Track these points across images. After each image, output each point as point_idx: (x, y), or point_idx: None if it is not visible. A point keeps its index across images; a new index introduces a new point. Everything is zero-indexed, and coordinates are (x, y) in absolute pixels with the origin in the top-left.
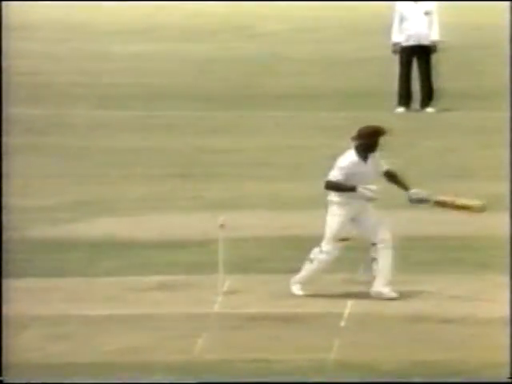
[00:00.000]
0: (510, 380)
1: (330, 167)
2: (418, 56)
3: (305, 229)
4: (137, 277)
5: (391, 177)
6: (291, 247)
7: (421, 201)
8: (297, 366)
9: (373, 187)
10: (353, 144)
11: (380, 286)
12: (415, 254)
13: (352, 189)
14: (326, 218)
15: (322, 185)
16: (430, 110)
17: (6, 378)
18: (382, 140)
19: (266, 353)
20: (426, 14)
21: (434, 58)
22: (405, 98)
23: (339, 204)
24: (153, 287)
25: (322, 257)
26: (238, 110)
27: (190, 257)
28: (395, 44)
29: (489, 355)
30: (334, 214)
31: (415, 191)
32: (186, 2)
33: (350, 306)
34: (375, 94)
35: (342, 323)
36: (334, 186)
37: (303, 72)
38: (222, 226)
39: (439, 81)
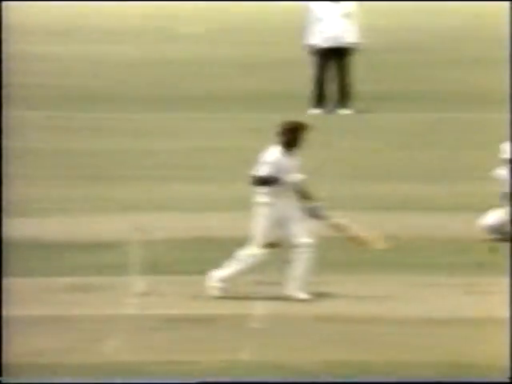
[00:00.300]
0: (510, 380)
1: (252, 168)
2: (335, 58)
3: (223, 231)
4: (49, 278)
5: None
6: (207, 249)
7: (317, 216)
8: (210, 367)
9: (299, 176)
10: (277, 140)
11: (293, 289)
12: (327, 255)
13: (278, 181)
14: (254, 220)
15: (242, 186)
16: (345, 111)
17: (5, 378)
18: (306, 135)
19: (179, 354)
20: (345, 15)
21: (351, 60)
22: (320, 100)
23: (266, 205)
24: (65, 288)
25: (250, 259)
26: (160, 112)
27: (102, 258)
28: (311, 46)
29: (398, 354)
30: (262, 216)
31: (316, 205)
32: (105, 4)
33: (262, 307)
34: (292, 95)
35: (254, 324)
36: (261, 181)
37: (223, 74)
38: (137, 228)
39: (355, 83)
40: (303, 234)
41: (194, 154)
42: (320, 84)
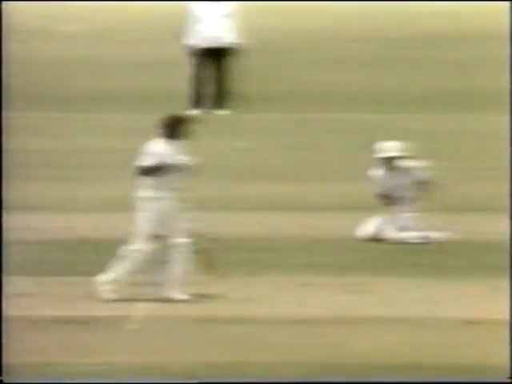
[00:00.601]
0: (510, 380)
1: (126, 168)
2: (213, 58)
3: (105, 231)
4: None
5: None
6: (89, 250)
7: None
8: (88, 369)
9: (186, 158)
10: (159, 134)
11: (172, 290)
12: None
13: (163, 169)
14: (137, 215)
15: (124, 187)
16: (223, 111)
17: (5, 378)
18: (189, 128)
19: (57, 356)
20: (225, 16)
21: (229, 60)
22: (198, 100)
23: (149, 200)
24: None
25: (134, 255)
26: (44, 111)
27: None
28: (190, 45)
29: (276, 355)
30: (144, 211)
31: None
32: None
33: (142, 309)
34: (171, 95)
35: (133, 326)
36: (146, 171)
37: (102, 73)
38: (18, 228)
39: (233, 84)
40: (181, 233)
41: (69, 155)
42: (198, 84)
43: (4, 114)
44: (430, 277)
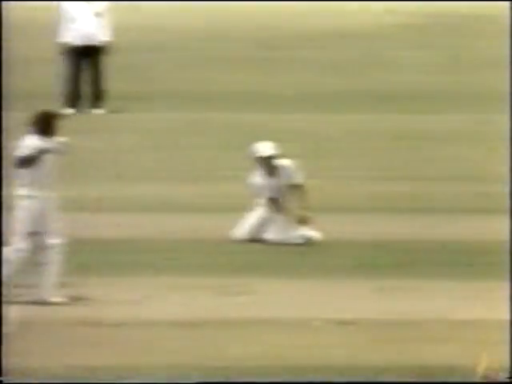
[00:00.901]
0: (510, 380)
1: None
2: (87, 57)
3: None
4: None
5: None
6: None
7: None
8: None
9: (62, 139)
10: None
11: (47, 292)
12: (85, 257)
13: (37, 158)
14: (15, 213)
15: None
16: (98, 111)
17: (5, 378)
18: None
19: None
20: (97, 14)
21: (104, 59)
22: (73, 99)
23: (27, 198)
24: None
25: (17, 255)
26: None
27: None
28: (64, 44)
29: (159, 357)
30: (23, 209)
31: None
32: None
33: (15, 311)
34: (43, 94)
35: (8, 328)
36: (24, 160)
37: None
38: None
39: (109, 83)
40: (56, 233)
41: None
42: (73, 83)
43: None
44: (309, 278)
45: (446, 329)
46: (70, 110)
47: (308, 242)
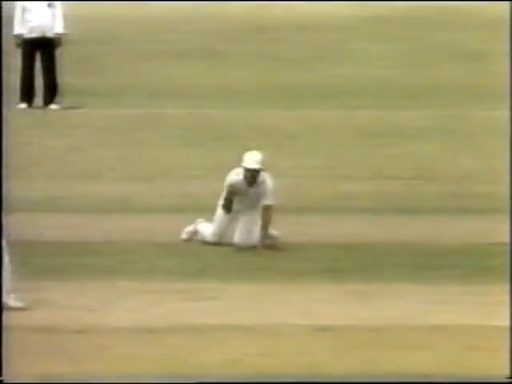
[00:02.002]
0: (510, 380)
1: None
2: (41, 49)
3: None
4: None
5: None
6: None
7: None
8: None
9: None
10: None
11: (5, 296)
12: (37, 260)
13: None
14: None
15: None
16: (54, 106)
17: (6, 378)
18: None
19: None
20: (50, 6)
21: (58, 52)
22: (27, 94)
23: None
24: None
25: None
26: None
27: None
28: (17, 36)
29: (121, 364)
30: None
31: None
32: None
33: None
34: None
35: None
36: None
37: None
38: None
39: (63, 76)
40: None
41: None
42: (28, 77)
43: None
44: (276, 282)
45: (419, 335)
46: (23, 105)
47: (274, 245)
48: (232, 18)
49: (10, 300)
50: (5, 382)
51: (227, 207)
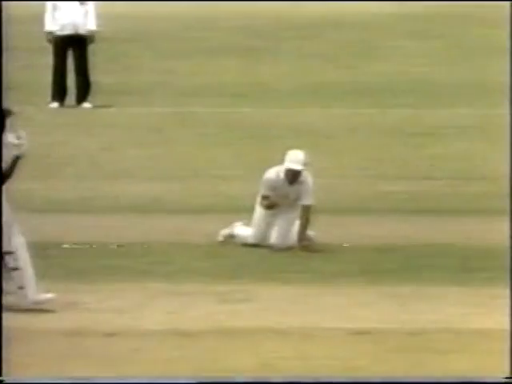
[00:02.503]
0: (510, 380)
1: None
2: (73, 47)
3: None
4: None
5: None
6: None
7: None
8: None
9: (21, 134)
10: None
11: (35, 295)
12: (68, 262)
13: None
14: None
15: None
16: (86, 105)
17: (6, 378)
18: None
19: None
20: (82, 3)
21: (90, 50)
22: (59, 93)
23: None
24: None
25: (19, 252)
26: None
27: None
28: (49, 33)
29: (155, 368)
30: None
31: None
32: None
33: (2, 319)
34: (25, 87)
35: None
36: None
37: None
38: None
39: (95, 74)
40: (13, 237)
41: None
42: (60, 75)
43: None
44: (313, 284)
45: (459, 338)
46: (55, 104)
47: (311, 246)
48: (267, 14)
49: (38, 295)
50: (5, 382)
51: (267, 204)
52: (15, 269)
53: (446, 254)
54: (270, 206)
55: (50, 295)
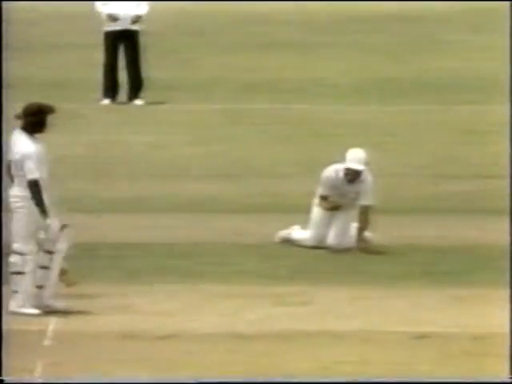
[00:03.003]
0: (510, 380)
1: None
2: (124, 42)
3: None
4: None
5: None
6: None
7: None
8: None
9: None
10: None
11: (50, 300)
12: (121, 263)
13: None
14: (14, 216)
15: None
16: (138, 102)
17: (6, 378)
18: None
19: None
20: None
21: (142, 45)
22: (111, 89)
23: (25, 198)
24: None
25: (29, 258)
26: None
27: None
28: (102, 29)
29: (208, 372)
30: (21, 210)
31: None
32: None
33: (54, 323)
34: (76, 84)
35: (46, 342)
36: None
37: None
38: None
39: (147, 70)
40: (59, 238)
41: None
42: (111, 71)
43: None
44: (373, 286)
45: None
46: (106, 101)
47: (369, 248)
48: (324, 8)
49: (54, 302)
50: (5, 382)
51: (330, 207)
52: (44, 267)
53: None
54: (334, 207)
55: (64, 304)
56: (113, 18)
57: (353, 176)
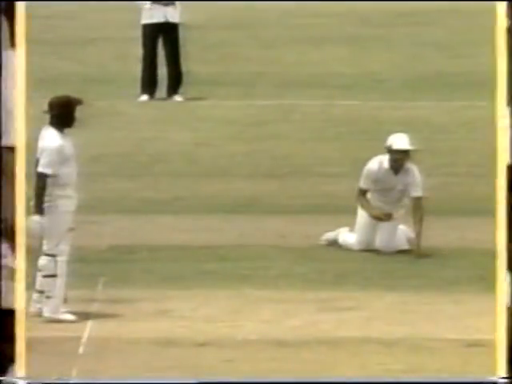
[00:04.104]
0: (510, 380)
1: None
2: (164, 36)
3: None
4: None
5: None
6: None
7: None
8: None
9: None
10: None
11: (56, 311)
12: (161, 266)
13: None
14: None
15: None
16: (178, 98)
17: (6, 378)
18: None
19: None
20: None
21: (182, 38)
22: (149, 85)
23: (64, 198)
24: None
25: (62, 259)
26: None
27: None
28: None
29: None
30: (57, 208)
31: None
32: None
33: (89, 329)
34: (113, 79)
35: (81, 349)
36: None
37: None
38: None
39: (188, 65)
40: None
41: None
42: (149, 66)
43: None
44: (425, 291)
45: None
46: (145, 97)
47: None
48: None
49: (61, 314)
50: (5, 382)
51: (381, 215)
52: (52, 275)
53: None
54: (387, 216)
55: (70, 317)
56: (151, 12)
57: (401, 159)
